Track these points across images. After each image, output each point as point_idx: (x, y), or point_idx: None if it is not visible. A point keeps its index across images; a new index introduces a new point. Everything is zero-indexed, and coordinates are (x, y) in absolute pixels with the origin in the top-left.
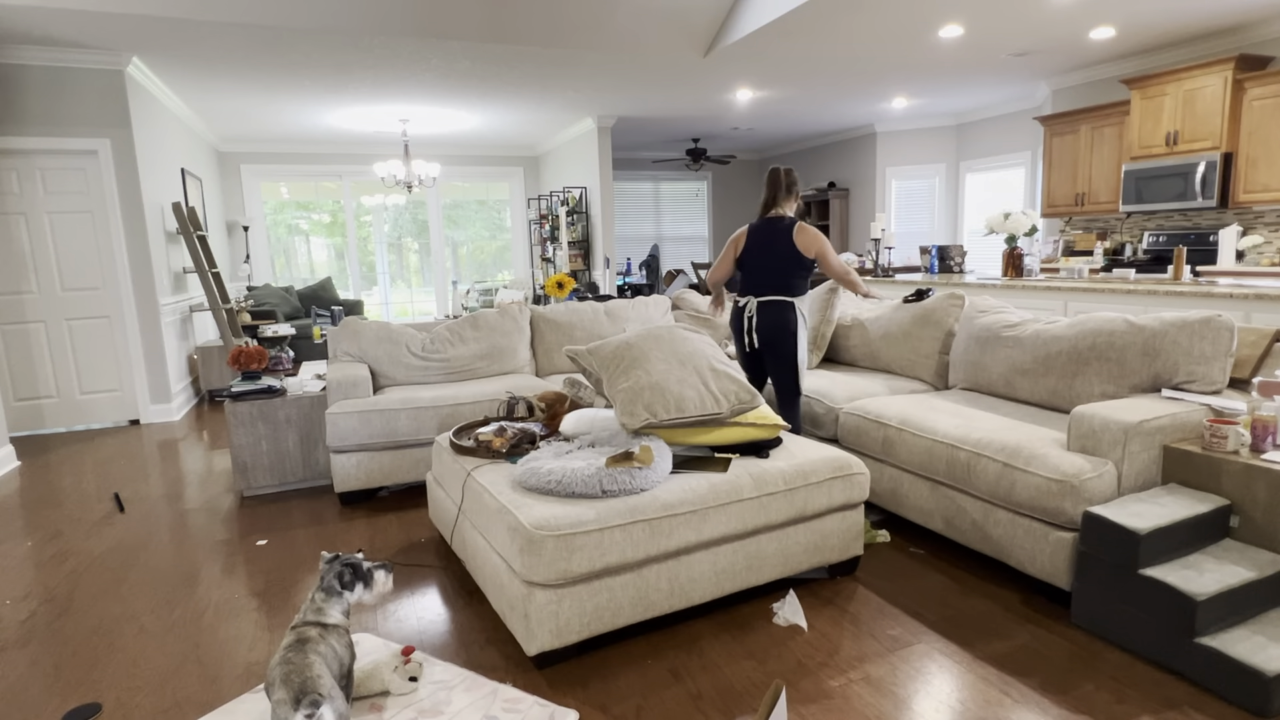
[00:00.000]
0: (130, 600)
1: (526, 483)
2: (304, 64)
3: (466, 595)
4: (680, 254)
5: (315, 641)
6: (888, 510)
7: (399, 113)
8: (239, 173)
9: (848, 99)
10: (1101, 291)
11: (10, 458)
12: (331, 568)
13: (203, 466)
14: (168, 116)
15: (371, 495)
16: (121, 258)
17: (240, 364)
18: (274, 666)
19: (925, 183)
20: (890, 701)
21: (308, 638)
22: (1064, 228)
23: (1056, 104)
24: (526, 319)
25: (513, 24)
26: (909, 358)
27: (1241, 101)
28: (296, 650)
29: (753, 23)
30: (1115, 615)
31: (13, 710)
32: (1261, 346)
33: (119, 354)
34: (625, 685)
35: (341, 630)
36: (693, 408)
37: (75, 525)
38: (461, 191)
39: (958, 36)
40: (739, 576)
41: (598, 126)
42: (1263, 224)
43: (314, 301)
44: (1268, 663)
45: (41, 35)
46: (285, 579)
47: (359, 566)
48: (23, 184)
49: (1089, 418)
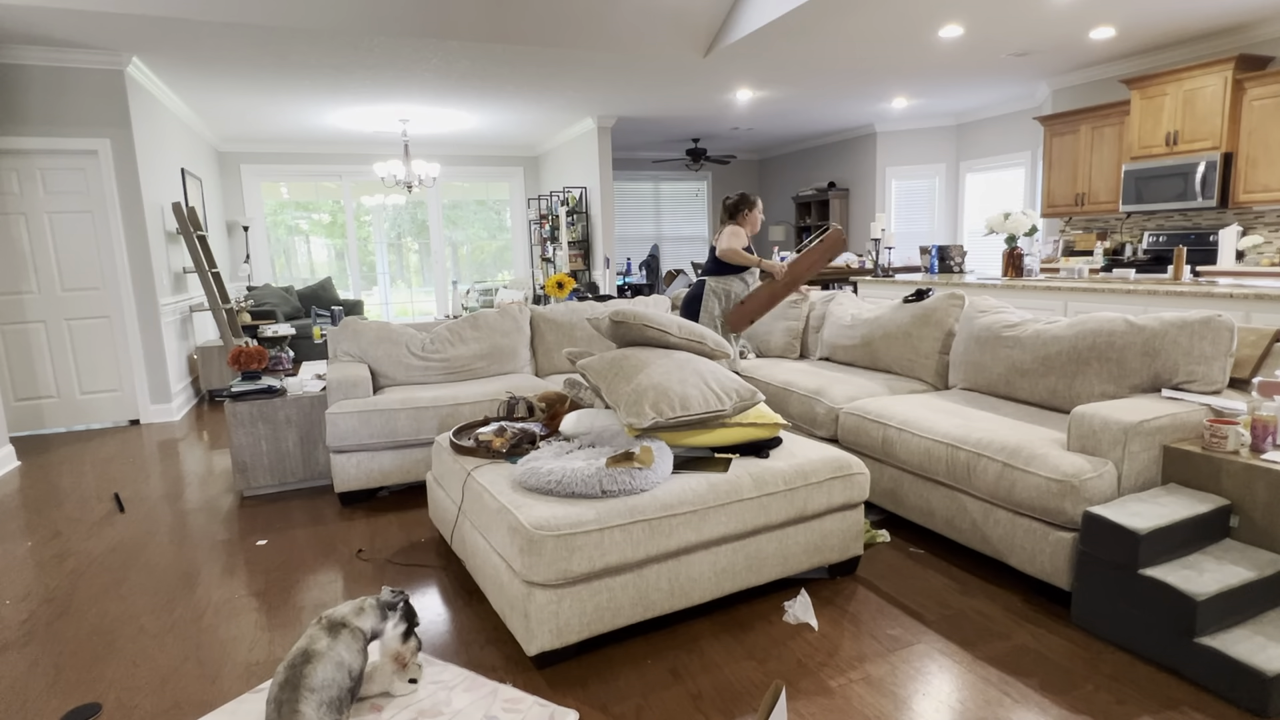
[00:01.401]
0: (130, 600)
1: (526, 483)
2: (304, 64)
3: (466, 595)
4: (680, 254)
5: (319, 658)
6: (888, 510)
7: (399, 113)
8: (239, 173)
9: (848, 99)
10: (1101, 291)
11: (10, 458)
12: (399, 598)
13: (203, 466)
14: (168, 116)
15: (371, 495)
16: (121, 258)
17: (240, 364)
18: (279, 671)
19: (925, 183)
20: (890, 701)
21: (314, 654)
22: (1064, 228)
23: (1056, 104)
24: (526, 319)
25: (513, 24)
26: (909, 358)
27: (1241, 101)
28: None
29: (753, 23)
30: (1115, 615)
31: (13, 710)
32: (1261, 346)
33: (119, 354)
34: (625, 685)
35: (360, 634)
36: (697, 406)
37: (75, 525)
38: (461, 191)
39: (958, 36)
40: (739, 576)
41: (598, 126)
42: (1263, 224)
43: (314, 301)
44: (1268, 663)
45: (41, 35)
46: (285, 579)
47: (413, 615)
48: (23, 184)
49: (1089, 418)
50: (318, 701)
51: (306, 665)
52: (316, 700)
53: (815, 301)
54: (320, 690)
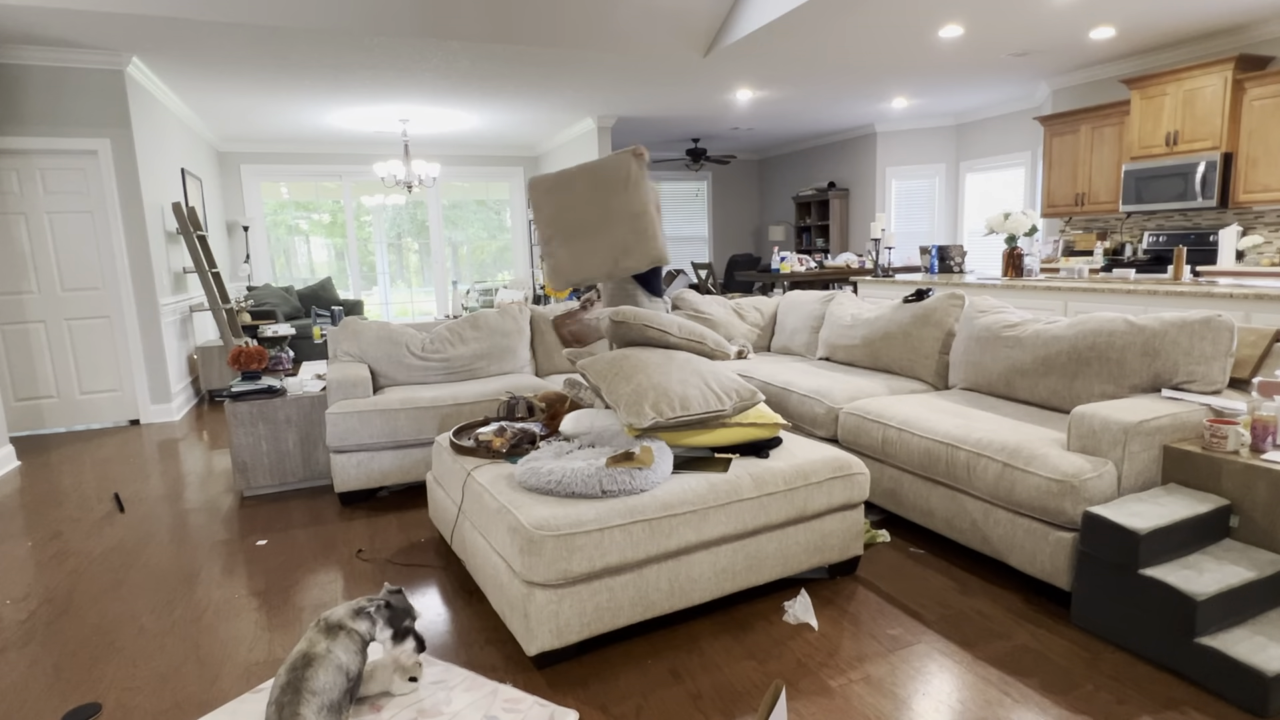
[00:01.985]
0: (130, 600)
1: (526, 483)
2: (304, 64)
3: (466, 595)
4: (680, 254)
5: (320, 662)
6: (888, 510)
7: (399, 113)
8: (239, 173)
9: (848, 99)
10: (1101, 291)
11: (10, 458)
12: (398, 599)
13: (203, 466)
14: (168, 116)
15: (371, 495)
16: (121, 258)
17: (240, 364)
18: (280, 673)
19: (925, 183)
20: (890, 701)
21: (314, 657)
22: (1064, 228)
23: (1056, 104)
24: (526, 319)
25: (513, 24)
26: (909, 358)
27: (1241, 101)
28: (291, 692)
29: (753, 23)
30: (1115, 615)
31: (13, 710)
32: (1261, 346)
33: (119, 354)
34: (625, 685)
35: (358, 636)
36: (697, 406)
37: (75, 525)
38: (461, 191)
39: (958, 36)
40: (739, 576)
41: (598, 126)
42: (1263, 224)
43: (314, 301)
44: (1268, 663)
45: (41, 35)
46: (285, 579)
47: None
48: (23, 184)
49: (1089, 418)
50: (319, 705)
51: (308, 669)
52: (318, 704)
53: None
54: (321, 694)
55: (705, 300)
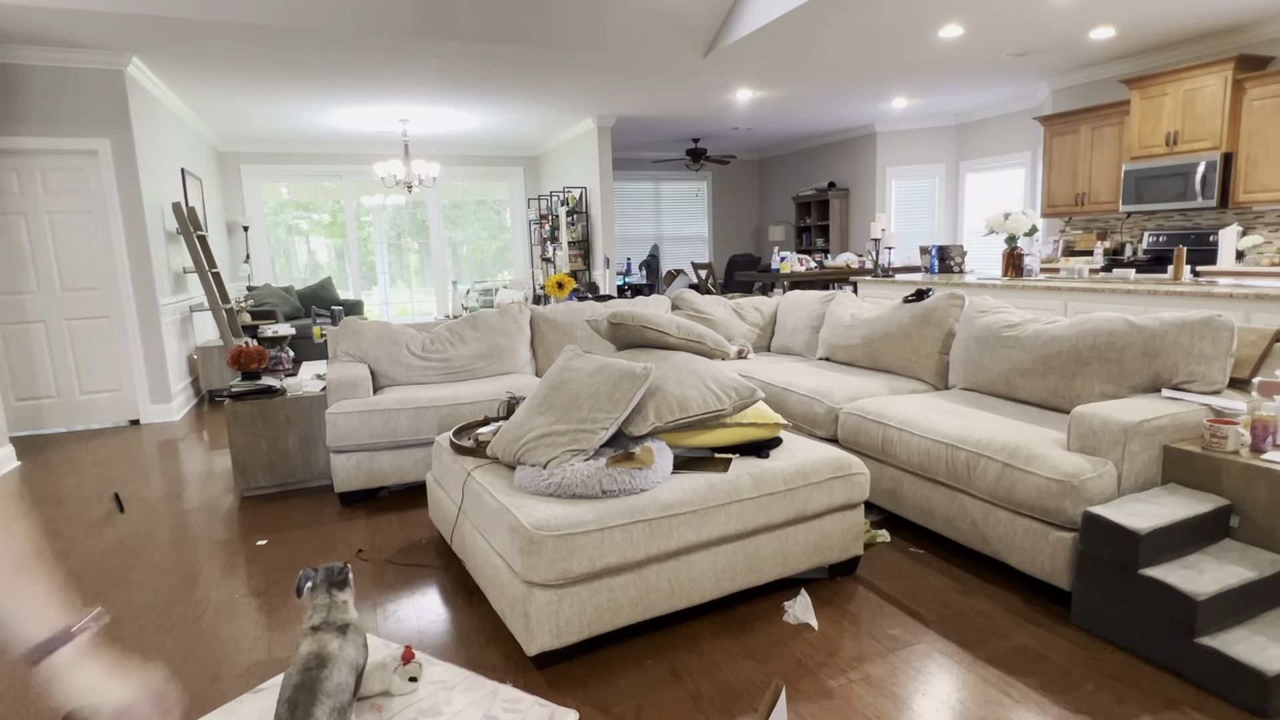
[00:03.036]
0: (130, 600)
1: (526, 483)
2: (304, 64)
3: (466, 595)
4: (680, 254)
5: (334, 662)
6: (888, 510)
7: (399, 113)
8: (239, 173)
9: (848, 99)
10: (1101, 291)
11: (10, 458)
12: (330, 572)
13: (203, 466)
14: (168, 116)
15: (371, 495)
16: (121, 258)
17: (240, 364)
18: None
19: (925, 183)
20: (890, 701)
21: (328, 658)
22: (1064, 228)
23: (1056, 104)
24: (526, 319)
25: (513, 24)
26: (909, 358)
27: (1241, 101)
28: (306, 692)
29: (752, 23)
30: (1115, 615)
31: (14, 710)
32: (1261, 346)
33: (119, 354)
34: (625, 685)
35: (357, 628)
36: (695, 407)
37: (75, 525)
38: (461, 191)
39: (958, 37)
40: (739, 576)
41: (598, 126)
42: (1263, 224)
43: (314, 301)
44: (1268, 663)
45: (41, 35)
46: (285, 579)
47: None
48: (23, 184)
49: (1089, 418)
50: (330, 707)
51: (322, 669)
52: (330, 705)
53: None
54: (334, 695)
55: (705, 300)
